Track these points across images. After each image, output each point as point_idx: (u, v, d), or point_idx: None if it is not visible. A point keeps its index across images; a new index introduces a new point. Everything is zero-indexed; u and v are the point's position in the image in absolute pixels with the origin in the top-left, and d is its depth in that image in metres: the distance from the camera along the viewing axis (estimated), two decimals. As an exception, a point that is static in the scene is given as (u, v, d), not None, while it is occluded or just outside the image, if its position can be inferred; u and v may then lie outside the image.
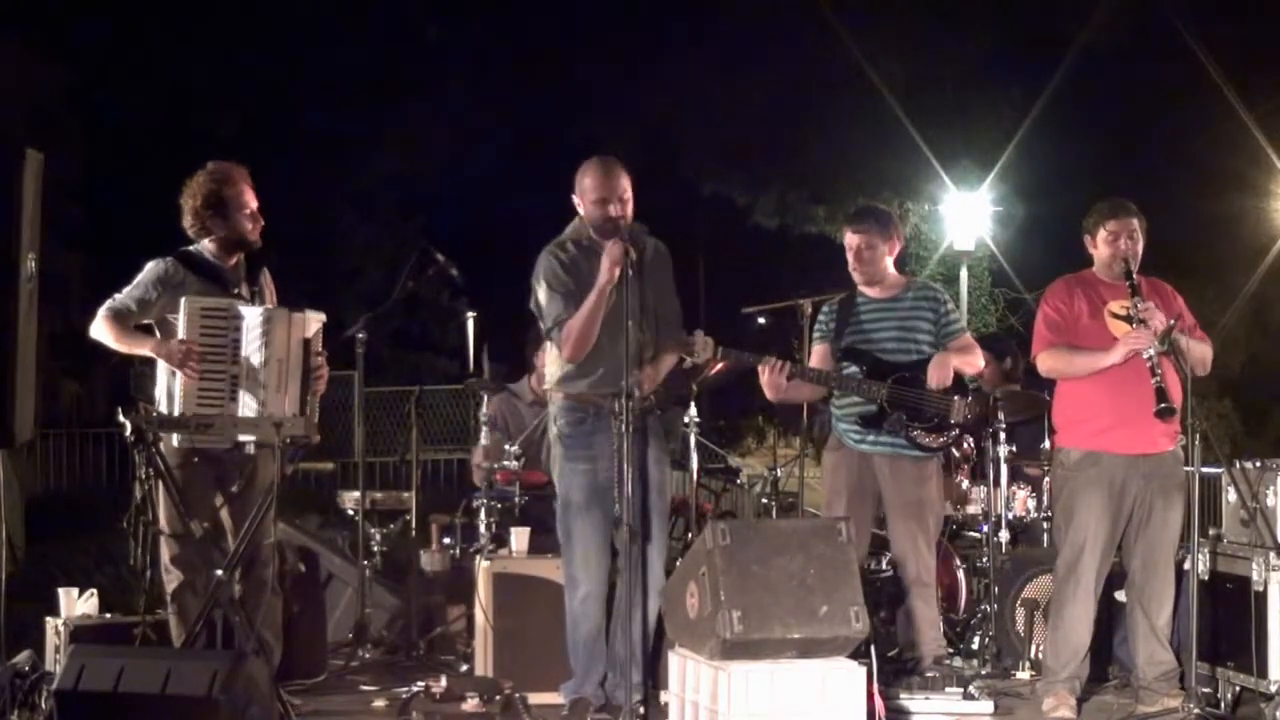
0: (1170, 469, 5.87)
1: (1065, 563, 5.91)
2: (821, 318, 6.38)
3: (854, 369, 6.17)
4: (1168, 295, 6.00)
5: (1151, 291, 5.94)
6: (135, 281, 5.74)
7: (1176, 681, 5.83)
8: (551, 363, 5.76)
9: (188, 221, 5.81)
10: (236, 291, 5.77)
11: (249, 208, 5.80)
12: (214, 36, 19.89)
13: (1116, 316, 5.85)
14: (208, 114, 19.60)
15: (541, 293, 5.67)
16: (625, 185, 5.61)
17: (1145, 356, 5.69)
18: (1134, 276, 5.80)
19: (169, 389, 5.59)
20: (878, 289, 6.28)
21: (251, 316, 5.56)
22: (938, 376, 6.07)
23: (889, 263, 6.27)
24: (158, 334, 5.70)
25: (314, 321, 5.65)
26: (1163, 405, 5.63)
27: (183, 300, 5.58)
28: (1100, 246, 5.94)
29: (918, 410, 6.10)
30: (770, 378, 6.01)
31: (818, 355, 6.33)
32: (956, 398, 6.14)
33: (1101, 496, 5.82)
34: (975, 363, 6.25)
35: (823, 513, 6.41)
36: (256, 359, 5.51)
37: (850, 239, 6.28)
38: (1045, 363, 5.99)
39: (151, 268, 5.76)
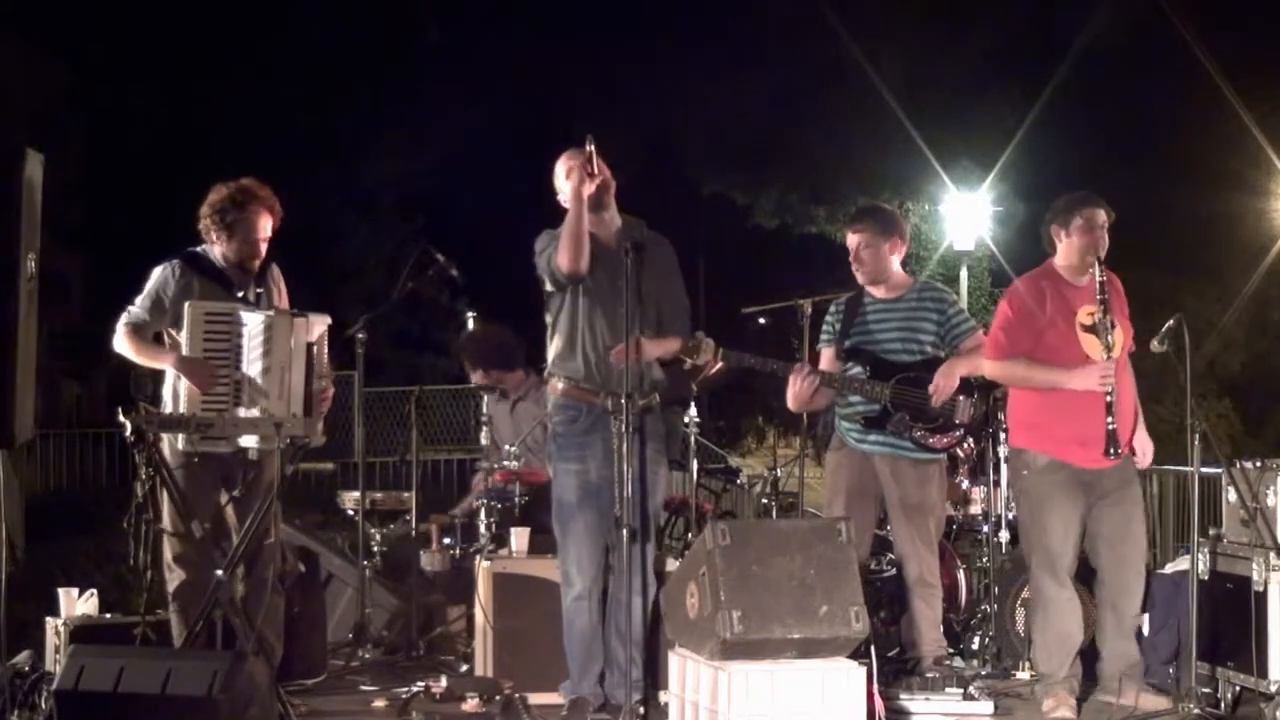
0: (1127, 467, 5.89)
1: (1043, 565, 5.86)
2: (827, 320, 6.36)
3: (857, 369, 6.16)
4: (1121, 291, 5.95)
5: (1111, 286, 5.84)
6: (145, 290, 5.76)
7: (1141, 677, 5.87)
8: (551, 340, 5.74)
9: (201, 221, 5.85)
10: (242, 294, 5.77)
11: (252, 236, 5.77)
12: (214, 37, 19.89)
13: (1085, 329, 5.80)
14: (208, 114, 19.61)
15: (538, 249, 5.67)
16: (590, 153, 5.52)
17: (1106, 395, 5.68)
18: (1103, 282, 5.72)
19: (175, 390, 5.61)
20: (882, 289, 6.28)
21: (253, 323, 5.56)
22: (942, 387, 6.05)
23: (893, 263, 6.26)
24: (167, 341, 5.72)
25: (318, 325, 5.65)
26: (1111, 451, 5.66)
27: (186, 305, 5.59)
28: (1074, 236, 5.86)
29: (921, 411, 6.09)
30: (798, 388, 6.01)
31: (825, 360, 6.31)
32: (961, 398, 6.12)
33: (1069, 497, 5.81)
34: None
35: (824, 512, 6.41)
36: (258, 366, 5.51)
37: (849, 239, 6.30)
38: (998, 371, 5.94)
39: (158, 273, 5.77)
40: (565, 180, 5.59)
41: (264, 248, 5.83)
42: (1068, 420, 5.77)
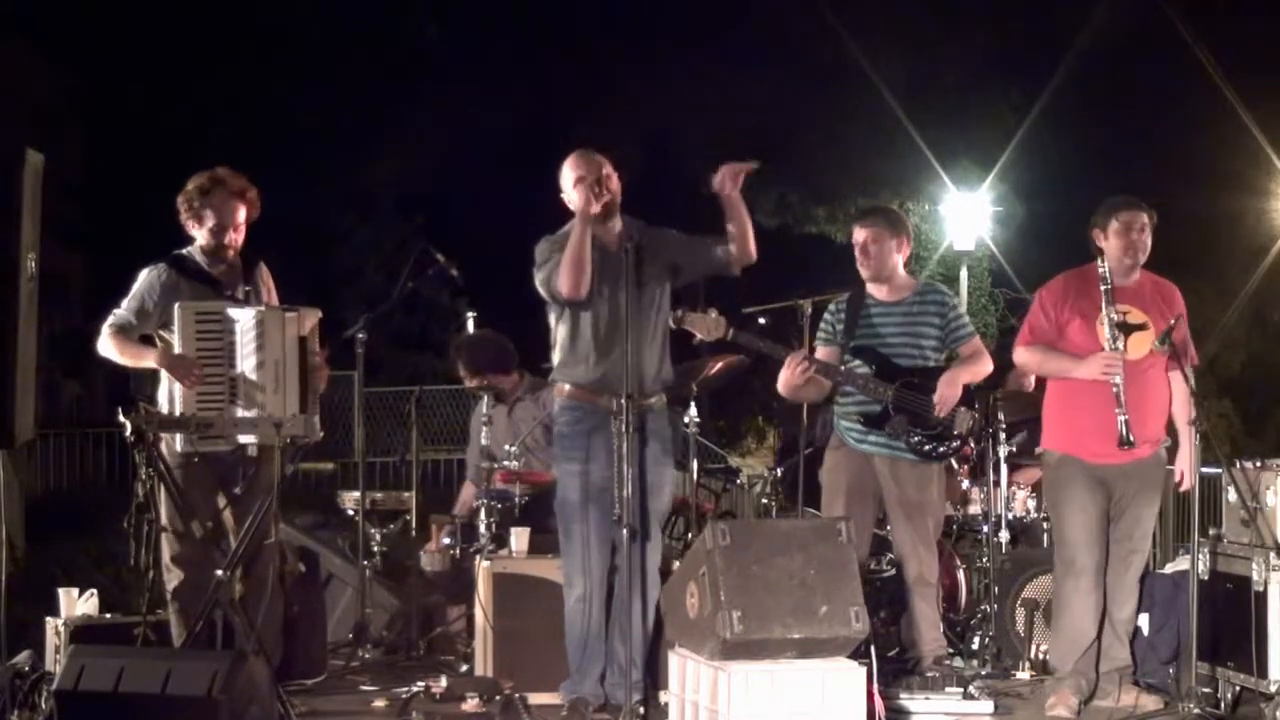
0: (1151, 471, 5.91)
1: (1062, 561, 5.91)
2: (826, 319, 6.34)
3: (864, 368, 6.15)
4: (1174, 300, 5.99)
5: (1155, 293, 5.94)
6: (131, 293, 5.76)
7: (1130, 678, 5.89)
8: (555, 347, 5.74)
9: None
10: (230, 293, 5.77)
11: (223, 222, 5.75)
12: (214, 37, 19.90)
13: (1113, 325, 5.84)
14: (208, 114, 19.62)
15: (538, 260, 5.65)
16: (602, 166, 5.56)
17: (1113, 385, 5.70)
18: (1110, 282, 5.76)
19: (171, 392, 5.61)
20: (885, 289, 6.27)
21: (245, 319, 5.56)
22: (946, 397, 6.05)
23: (898, 262, 6.26)
24: (159, 343, 5.72)
25: (309, 318, 5.64)
26: (1126, 441, 5.68)
27: (176, 306, 5.59)
28: (1112, 239, 5.91)
29: (921, 417, 6.08)
30: (790, 373, 6.01)
31: (824, 358, 6.31)
32: (962, 409, 6.11)
33: (1086, 491, 5.83)
34: (983, 370, 6.24)
35: (823, 513, 6.41)
36: (252, 362, 5.51)
37: (858, 234, 6.29)
38: (1020, 357, 6.09)
39: (144, 276, 5.77)
40: (572, 188, 5.57)
41: (238, 236, 5.81)
42: (1083, 411, 5.81)
